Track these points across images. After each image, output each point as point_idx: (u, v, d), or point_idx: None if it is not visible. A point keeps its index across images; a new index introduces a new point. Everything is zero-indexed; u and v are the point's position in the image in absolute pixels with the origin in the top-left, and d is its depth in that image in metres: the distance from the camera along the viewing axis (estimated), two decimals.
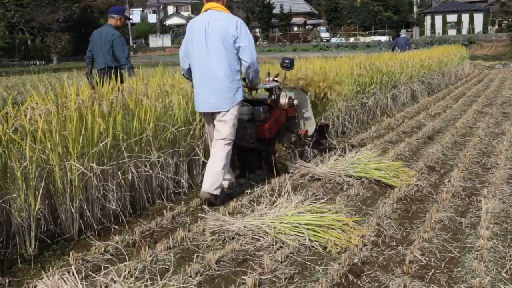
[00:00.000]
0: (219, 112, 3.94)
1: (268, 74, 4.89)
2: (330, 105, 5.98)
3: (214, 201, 3.86)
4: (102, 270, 2.68)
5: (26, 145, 3.00)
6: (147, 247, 3.00)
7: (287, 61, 4.76)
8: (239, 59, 3.99)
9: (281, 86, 4.75)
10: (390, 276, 2.73)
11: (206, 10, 4.04)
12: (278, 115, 4.61)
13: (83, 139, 3.30)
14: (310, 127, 5.13)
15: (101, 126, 3.43)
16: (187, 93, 4.35)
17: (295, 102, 4.80)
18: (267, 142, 4.57)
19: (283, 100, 4.65)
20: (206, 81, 3.93)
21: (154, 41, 55.49)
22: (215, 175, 3.86)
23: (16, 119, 3.07)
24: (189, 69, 4.10)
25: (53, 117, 3.19)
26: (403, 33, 15.43)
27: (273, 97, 4.68)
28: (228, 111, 3.93)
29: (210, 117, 4.05)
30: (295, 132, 4.87)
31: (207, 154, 4.32)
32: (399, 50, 13.43)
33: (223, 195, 4.01)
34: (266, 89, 4.74)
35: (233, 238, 3.20)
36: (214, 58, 3.91)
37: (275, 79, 4.82)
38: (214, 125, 4.01)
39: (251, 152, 4.67)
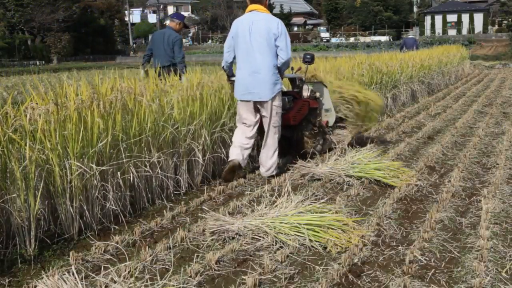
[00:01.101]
0: (262, 102, 4.48)
1: (292, 69, 5.27)
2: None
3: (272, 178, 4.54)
4: (102, 270, 2.68)
5: (26, 145, 2.99)
6: (147, 247, 3.00)
7: (308, 56, 5.27)
8: (277, 55, 4.50)
9: (304, 79, 5.26)
10: (390, 276, 2.73)
11: (250, 11, 4.58)
12: (301, 105, 5.10)
13: (83, 139, 3.30)
14: (330, 118, 5.60)
15: (100, 126, 3.43)
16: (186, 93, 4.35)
17: (317, 94, 5.33)
18: (293, 129, 5.10)
19: (305, 93, 5.20)
20: (250, 74, 4.46)
21: None
22: (270, 162, 4.61)
23: (16, 119, 3.07)
24: (231, 63, 4.68)
25: (53, 116, 3.19)
26: (411, 34, 16.02)
27: (296, 89, 5.19)
28: (270, 100, 4.48)
29: (251, 106, 4.55)
30: (317, 122, 5.31)
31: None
32: (406, 50, 13.83)
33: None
34: (290, 79, 5.25)
35: (233, 238, 3.20)
36: (257, 53, 4.44)
37: (297, 72, 5.33)
38: (254, 112, 4.58)
39: (281, 138, 4.94)
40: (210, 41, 55.64)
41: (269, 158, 4.60)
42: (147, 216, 3.72)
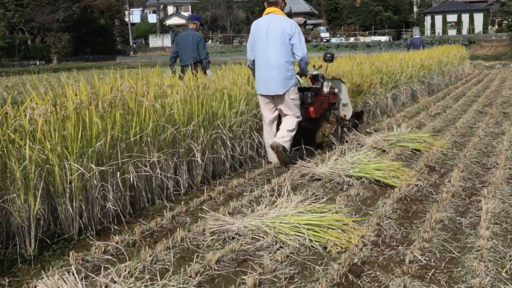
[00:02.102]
0: (278, 96, 4.92)
1: (313, 66, 5.77)
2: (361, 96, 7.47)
3: (282, 151, 4.84)
4: (102, 270, 2.68)
5: (26, 145, 2.99)
6: (147, 247, 3.00)
7: (328, 55, 5.76)
8: (293, 53, 4.94)
9: (324, 76, 5.72)
10: (390, 276, 2.73)
11: (267, 13, 5.04)
12: (321, 100, 5.53)
13: (82, 139, 3.30)
14: (347, 112, 6.17)
15: (99, 126, 3.43)
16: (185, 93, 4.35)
17: (335, 90, 5.81)
18: (314, 122, 5.52)
19: (325, 89, 5.64)
20: (267, 70, 4.91)
21: (154, 41, 55.51)
22: (285, 132, 4.94)
23: (16, 119, 3.07)
24: (253, 60, 5.10)
25: (52, 117, 3.19)
26: (417, 34, 16.91)
27: (317, 85, 5.60)
28: (285, 94, 4.91)
29: (270, 99, 5.01)
30: (336, 115, 5.77)
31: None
32: (413, 49, 14.36)
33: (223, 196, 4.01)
34: (313, 76, 5.63)
35: (233, 238, 3.20)
36: (273, 51, 4.89)
37: (318, 70, 5.78)
38: (273, 106, 5.05)
39: (303, 130, 5.38)
40: (210, 41, 55.63)
41: (288, 130, 4.96)
42: (147, 216, 3.72)
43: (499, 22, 50.39)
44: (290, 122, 4.99)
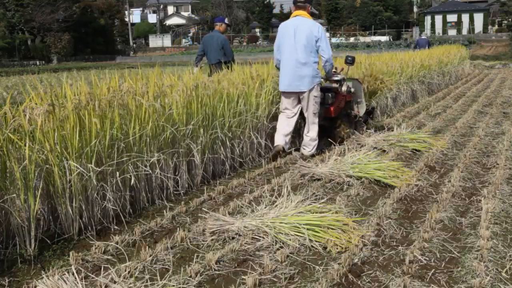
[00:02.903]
0: (303, 93, 5.30)
1: (336, 69, 6.08)
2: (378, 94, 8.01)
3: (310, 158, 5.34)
4: (102, 270, 2.68)
5: (25, 145, 2.99)
6: (147, 247, 3.00)
7: (349, 58, 6.15)
8: (317, 54, 5.33)
9: (345, 78, 6.10)
10: (390, 276, 2.73)
11: (295, 16, 5.41)
12: (340, 99, 5.88)
13: (81, 139, 3.30)
14: (361, 109, 6.53)
15: (98, 126, 3.42)
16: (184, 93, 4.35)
17: (352, 90, 6.14)
18: (332, 120, 5.89)
19: (344, 88, 5.94)
20: (293, 69, 5.27)
21: (154, 41, 55.53)
22: (313, 141, 5.44)
23: (15, 119, 3.07)
24: (279, 60, 5.46)
25: (51, 117, 3.18)
26: (423, 35, 18.13)
27: (338, 86, 5.91)
28: (309, 91, 5.29)
29: (294, 95, 5.38)
30: (351, 113, 6.26)
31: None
32: (419, 49, 15.00)
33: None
34: (336, 81, 5.92)
35: (233, 238, 3.20)
36: (299, 52, 5.24)
37: (339, 72, 6.16)
38: (296, 102, 5.41)
39: (320, 127, 5.63)
40: None
41: (311, 140, 5.44)
42: (147, 216, 3.72)
43: (499, 22, 50.39)
44: (313, 132, 5.43)
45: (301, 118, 5.63)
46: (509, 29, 40.77)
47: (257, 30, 56.82)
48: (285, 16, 54.93)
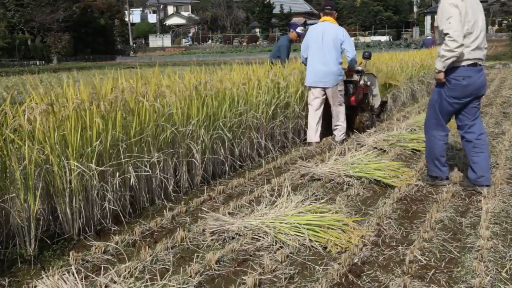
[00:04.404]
0: (328, 88, 6.05)
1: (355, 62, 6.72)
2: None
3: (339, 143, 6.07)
4: (102, 270, 2.68)
5: (25, 145, 2.99)
6: (147, 247, 3.00)
7: (366, 53, 6.88)
8: (341, 55, 6.09)
9: (364, 71, 6.79)
10: (390, 276, 2.73)
11: (323, 21, 6.20)
12: (359, 90, 6.64)
13: (82, 139, 3.29)
14: (376, 101, 7.34)
15: (100, 126, 3.43)
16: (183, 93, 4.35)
17: (368, 83, 6.91)
18: (352, 109, 6.64)
19: (362, 81, 6.68)
20: (320, 67, 6.03)
21: (154, 41, 55.54)
22: (342, 128, 6.22)
23: (15, 119, 3.07)
24: (306, 58, 6.22)
25: (51, 117, 3.18)
26: (429, 35, 19.49)
27: (358, 78, 6.63)
28: (334, 87, 6.06)
29: (320, 91, 6.10)
30: (368, 104, 7.02)
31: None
32: (425, 49, 15.96)
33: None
34: (357, 71, 6.64)
35: (233, 238, 3.20)
36: (326, 53, 6.00)
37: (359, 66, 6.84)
38: (323, 96, 6.13)
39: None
40: (210, 41, 55.66)
41: (341, 127, 6.21)
42: (147, 216, 3.72)
43: (499, 22, 50.38)
44: (342, 119, 6.19)
45: (327, 111, 6.27)
46: (509, 29, 40.79)
47: (257, 30, 56.82)
48: (285, 16, 55.00)
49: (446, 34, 3.88)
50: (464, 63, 3.98)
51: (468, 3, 3.96)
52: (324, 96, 6.15)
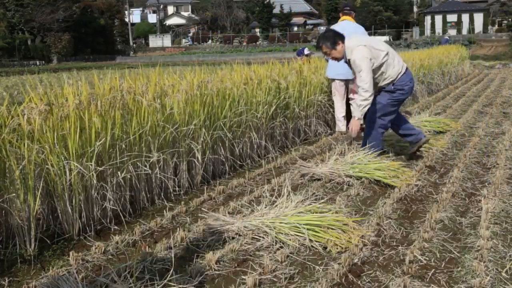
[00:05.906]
0: (349, 80, 6.48)
1: None
2: None
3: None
4: (102, 270, 2.68)
5: (24, 145, 2.99)
6: (147, 247, 3.00)
7: None
8: None
9: None
10: (390, 276, 2.73)
11: (343, 20, 6.78)
12: None
13: (81, 138, 3.29)
14: None
15: (99, 126, 3.42)
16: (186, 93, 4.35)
17: None
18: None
19: None
20: (341, 61, 6.16)
21: (154, 41, 55.57)
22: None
23: (14, 119, 3.07)
24: None
25: (50, 117, 3.18)
26: (446, 35, 21.33)
27: None
28: (353, 79, 6.16)
29: (342, 83, 6.63)
30: None
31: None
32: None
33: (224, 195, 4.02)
34: None
35: (233, 238, 3.20)
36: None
37: None
38: (344, 87, 6.65)
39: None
40: (210, 41, 55.67)
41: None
42: (147, 216, 3.72)
43: (499, 22, 50.41)
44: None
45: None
46: (509, 29, 40.81)
47: (257, 30, 56.84)
48: (285, 16, 55.01)
49: (359, 86, 4.68)
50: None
51: (368, 43, 4.86)
52: (346, 89, 6.68)
